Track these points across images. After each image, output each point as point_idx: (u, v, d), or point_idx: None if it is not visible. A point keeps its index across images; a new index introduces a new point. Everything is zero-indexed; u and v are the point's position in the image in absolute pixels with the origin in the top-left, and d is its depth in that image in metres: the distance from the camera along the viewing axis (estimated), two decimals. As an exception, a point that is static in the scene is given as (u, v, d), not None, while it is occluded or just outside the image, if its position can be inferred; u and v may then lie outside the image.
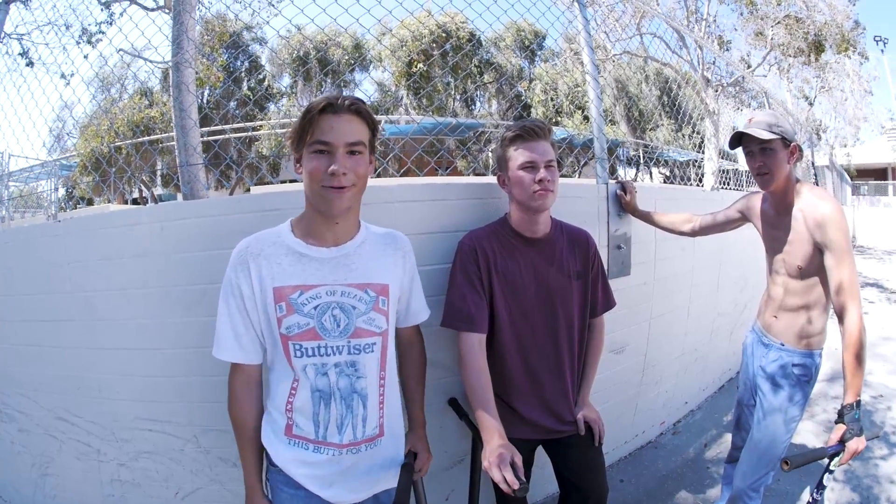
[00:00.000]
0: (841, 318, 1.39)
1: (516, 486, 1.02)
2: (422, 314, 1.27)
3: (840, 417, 1.34)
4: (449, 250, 1.46)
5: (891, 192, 22.11)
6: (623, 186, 2.03)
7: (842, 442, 1.30)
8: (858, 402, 1.33)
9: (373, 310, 1.07)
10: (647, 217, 2.01)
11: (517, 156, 1.34)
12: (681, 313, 2.66)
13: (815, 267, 1.48)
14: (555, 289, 1.41)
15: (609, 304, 1.56)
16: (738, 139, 1.57)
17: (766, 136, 1.46)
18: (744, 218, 1.80)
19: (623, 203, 2.03)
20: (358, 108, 1.00)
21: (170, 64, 1.76)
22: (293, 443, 1.05)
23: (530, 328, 1.42)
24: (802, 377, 1.57)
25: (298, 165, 1.04)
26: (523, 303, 1.40)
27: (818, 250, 1.45)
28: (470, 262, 1.37)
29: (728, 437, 2.65)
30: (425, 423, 1.30)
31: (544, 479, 1.50)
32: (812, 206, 1.46)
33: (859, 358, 1.33)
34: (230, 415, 1.09)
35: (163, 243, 1.46)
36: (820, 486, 1.34)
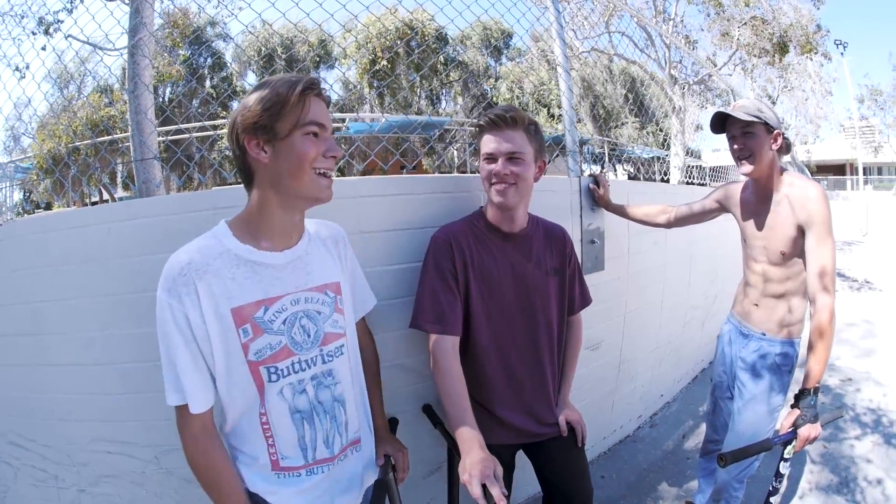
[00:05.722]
0: (813, 301, 1.38)
1: (502, 502, 0.94)
2: (368, 303, 1.20)
3: (796, 402, 1.32)
4: (416, 248, 1.40)
5: (849, 186, 23.17)
6: (596, 180, 2.01)
7: (795, 428, 1.29)
8: (817, 389, 1.31)
9: (335, 311, 1.00)
10: (620, 210, 2.00)
11: (481, 146, 1.29)
12: (654, 307, 2.68)
13: (797, 251, 1.47)
14: (533, 286, 1.36)
15: (585, 301, 1.53)
16: (721, 124, 1.56)
17: (746, 118, 1.46)
18: (721, 208, 1.79)
19: (596, 197, 2.02)
20: (328, 99, 0.96)
21: (123, 53, 1.65)
22: (283, 476, 0.94)
23: (508, 327, 1.35)
24: (784, 366, 1.55)
25: (264, 153, 0.88)
26: (501, 301, 1.34)
27: (801, 233, 1.44)
28: (444, 257, 1.28)
29: (705, 427, 2.70)
30: (388, 424, 1.25)
31: (525, 481, 1.46)
32: (799, 188, 1.46)
33: (824, 344, 1.32)
34: (198, 471, 0.91)
35: (111, 246, 1.36)
36: (777, 475, 1.32)
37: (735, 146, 1.52)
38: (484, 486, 0.96)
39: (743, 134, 1.49)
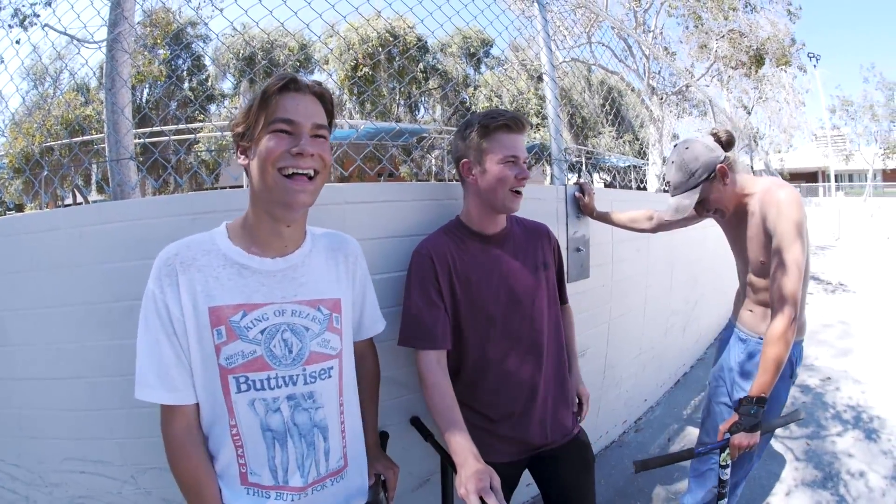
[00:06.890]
0: (773, 309, 1.35)
1: None
2: (377, 325, 1.15)
3: (737, 408, 1.30)
4: (403, 257, 1.36)
5: (821, 193, 23.97)
6: (581, 188, 2.02)
7: (730, 434, 1.28)
8: (761, 399, 1.28)
9: (327, 330, 0.94)
10: (605, 217, 2.00)
11: (498, 148, 1.22)
12: (637, 314, 2.70)
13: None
14: (525, 284, 1.31)
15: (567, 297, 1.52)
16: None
17: (686, 205, 1.45)
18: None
19: (581, 205, 2.02)
20: (321, 92, 0.89)
21: (101, 47, 1.58)
22: (252, 491, 0.90)
23: (506, 330, 1.30)
24: (784, 370, 1.51)
25: (244, 157, 0.87)
26: (495, 305, 1.29)
27: (770, 239, 1.41)
28: (427, 271, 1.24)
29: (689, 430, 2.73)
30: (379, 441, 1.21)
31: (518, 489, 1.44)
32: (768, 194, 1.43)
33: (776, 355, 1.30)
34: (177, 474, 0.87)
35: (83, 252, 1.28)
36: (720, 482, 1.30)
37: (703, 212, 1.56)
38: (482, 498, 0.93)
39: (699, 203, 1.51)
